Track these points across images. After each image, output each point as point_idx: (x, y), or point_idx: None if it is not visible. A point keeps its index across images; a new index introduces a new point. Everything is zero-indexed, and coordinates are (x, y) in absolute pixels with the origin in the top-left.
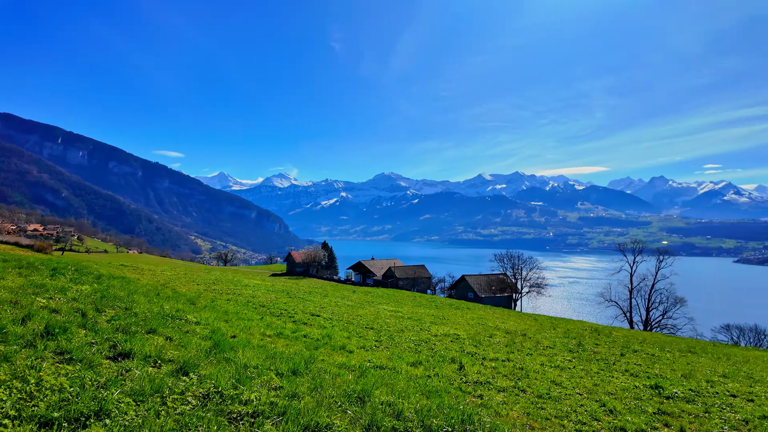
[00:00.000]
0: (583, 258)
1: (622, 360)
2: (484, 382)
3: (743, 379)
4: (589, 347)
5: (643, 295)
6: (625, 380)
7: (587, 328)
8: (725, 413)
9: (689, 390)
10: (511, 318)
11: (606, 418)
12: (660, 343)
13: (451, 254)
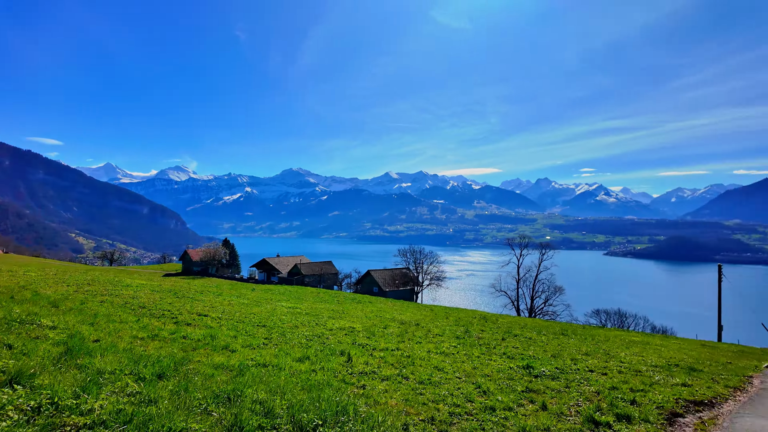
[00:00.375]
0: (479, 252)
1: (503, 344)
2: (369, 372)
3: (601, 356)
4: (475, 333)
5: (528, 285)
6: (502, 362)
7: (477, 317)
8: (582, 387)
9: (555, 368)
10: (409, 309)
11: (479, 399)
12: (539, 327)
13: (359, 250)
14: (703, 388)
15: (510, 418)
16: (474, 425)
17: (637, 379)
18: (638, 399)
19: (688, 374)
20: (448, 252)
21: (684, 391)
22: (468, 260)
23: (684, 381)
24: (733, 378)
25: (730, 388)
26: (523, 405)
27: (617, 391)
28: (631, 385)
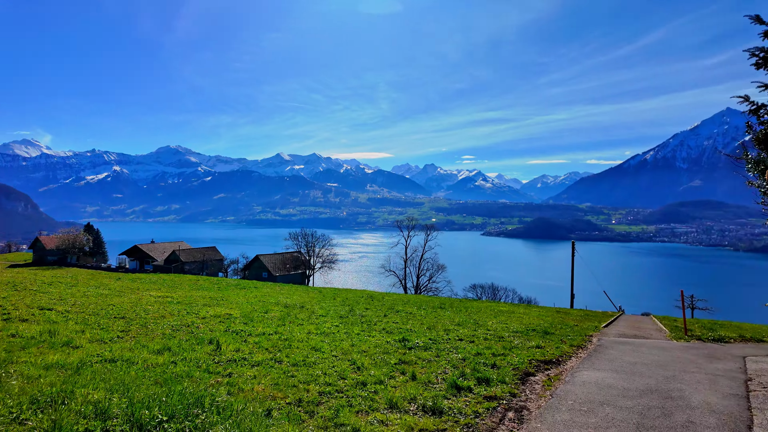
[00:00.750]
0: (371, 234)
1: (384, 320)
2: (239, 359)
3: (471, 325)
4: (359, 312)
5: (415, 264)
6: (380, 338)
7: (364, 296)
8: (451, 355)
9: (429, 339)
10: (297, 293)
11: (352, 375)
12: (420, 302)
13: (249, 235)
14: (553, 349)
15: (380, 391)
16: (342, 402)
17: (500, 344)
18: (498, 362)
19: (542, 337)
20: (342, 235)
21: (537, 353)
22: (361, 242)
23: (538, 344)
24: (578, 338)
25: (574, 347)
26: (394, 377)
27: (481, 356)
28: (494, 350)
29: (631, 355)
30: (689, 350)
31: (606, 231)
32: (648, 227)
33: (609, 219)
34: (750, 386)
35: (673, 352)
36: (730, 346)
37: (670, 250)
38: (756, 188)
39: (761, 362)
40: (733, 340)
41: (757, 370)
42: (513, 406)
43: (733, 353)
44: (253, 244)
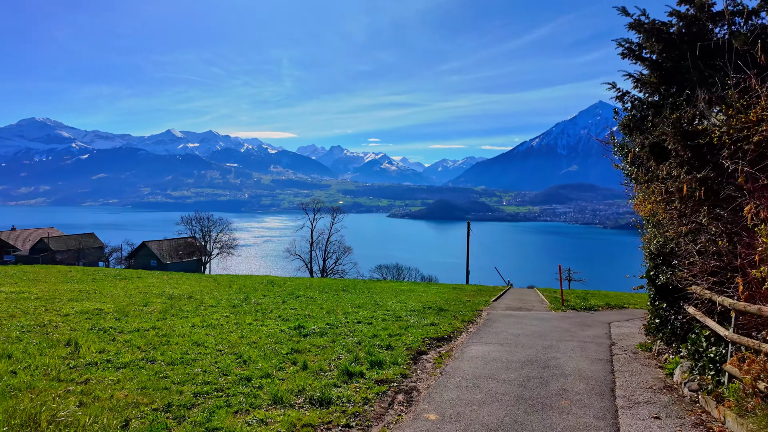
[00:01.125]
0: (276, 218)
1: (282, 306)
2: (102, 361)
3: (371, 307)
4: (255, 299)
5: (321, 248)
6: (274, 326)
7: (264, 282)
8: (347, 339)
9: (326, 324)
10: (188, 281)
11: (236, 371)
12: (324, 286)
13: (136, 219)
14: (446, 326)
15: (265, 385)
16: (220, 402)
17: (397, 324)
18: (393, 343)
19: (437, 314)
20: (244, 218)
21: (431, 330)
22: (265, 226)
23: (433, 321)
24: (469, 313)
25: (465, 322)
26: (284, 368)
27: (377, 338)
28: (390, 330)
29: (516, 327)
30: (565, 320)
31: (498, 212)
32: (533, 208)
33: (501, 201)
34: (613, 350)
35: (551, 322)
36: (598, 314)
37: (552, 228)
38: (621, 170)
39: (622, 327)
40: (601, 308)
41: (619, 334)
42: (403, 388)
43: (601, 320)
44: (141, 229)
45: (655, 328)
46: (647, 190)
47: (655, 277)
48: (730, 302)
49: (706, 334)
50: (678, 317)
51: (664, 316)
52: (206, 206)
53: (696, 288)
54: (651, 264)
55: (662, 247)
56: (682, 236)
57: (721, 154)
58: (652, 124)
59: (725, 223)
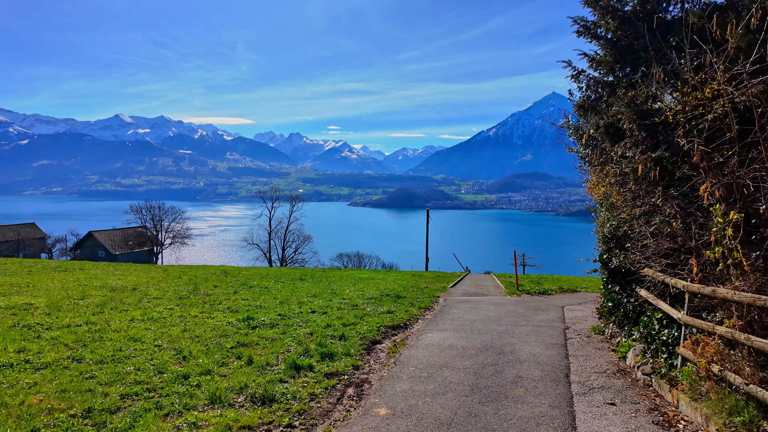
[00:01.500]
0: (233, 207)
1: (233, 297)
2: (19, 362)
3: (328, 295)
4: (204, 290)
5: (279, 236)
6: (222, 318)
7: (217, 272)
8: (298, 330)
9: (278, 315)
10: (136, 273)
11: (174, 368)
12: (280, 275)
13: (83, 208)
14: (402, 313)
15: (204, 383)
16: (149, 405)
17: (353, 313)
18: (347, 333)
19: (394, 302)
20: (200, 207)
21: (387, 318)
22: (222, 215)
23: (389, 309)
24: (426, 300)
25: (422, 309)
26: (227, 364)
27: (330, 328)
28: (345, 320)
29: (472, 313)
30: (520, 304)
31: (457, 200)
32: (490, 196)
33: (459, 189)
34: (567, 334)
35: (507, 306)
36: (552, 298)
37: (507, 215)
38: (575, 154)
39: (575, 310)
40: (554, 292)
41: (572, 317)
42: (354, 380)
43: (554, 304)
44: (89, 218)
45: (608, 312)
46: (601, 173)
47: (608, 260)
48: (684, 284)
49: (658, 317)
50: (631, 300)
51: (617, 299)
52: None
53: (649, 271)
54: (604, 248)
55: (615, 231)
56: (635, 218)
57: (675, 133)
58: (607, 104)
59: (680, 204)
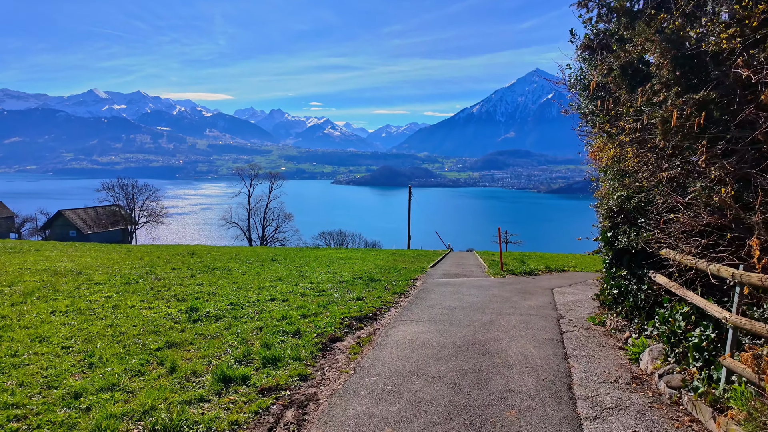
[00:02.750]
0: (214, 185)
1: (187, 282)
2: None
3: (295, 279)
4: (157, 275)
5: (259, 215)
6: (162, 309)
7: (184, 252)
8: (247, 324)
9: (228, 305)
10: (94, 254)
11: (70, 381)
12: (251, 256)
13: (59, 187)
14: (374, 300)
15: (97, 406)
16: None
17: (317, 300)
18: (303, 328)
19: (366, 286)
20: (180, 185)
21: (355, 307)
22: (202, 193)
23: (359, 295)
24: (402, 283)
25: (397, 294)
26: (143, 373)
27: (286, 321)
28: (306, 309)
29: (452, 299)
30: (505, 286)
31: (440, 177)
32: (473, 173)
33: (443, 167)
34: (562, 325)
35: (491, 290)
36: (539, 279)
37: (490, 193)
38: (575, 113)
39: (566, 293)
40: (541, 272)
41: (565, 303)
42: (297, 398)
43: (542, 286)
44: (65, 197)
45: (613, 300)
46: (611, 130)
47: (613, 239)
48: (735, 273)
49: (684, 311)
50: (642, 288)
51: (624, 285)
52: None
53: (671, 253)
54: (607, 224)
55: (625, 203)
56: (657, 186)
57: (728, 65)
58: (621, 39)
59: (737, 163)
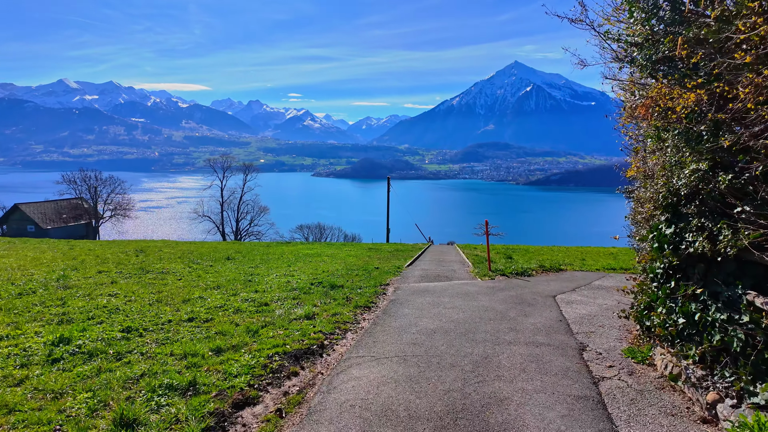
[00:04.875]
0: (191, 177)
1: (97, 292)
2: None
3: (240, 285)
4: (74, 280)
5: (233, 208)
6: (19, 341)
7: (131, 250)
8: (128, 368)
9: (122, 330)
10: (22, 252)
11: None
12: (207, 253)
13: (27, 180)
14: (326, 318)
15: None
16: None
17: (251, 320)
18: (204, 378)
19: (324, 295)
20: (155, 178)
21: (297, 333)
22: (179, 186)
23: (309, 311)
24: (369, 291)
25: (359, 308)
26: None
27: (186, 361)
28: (226, 338)
29: (430, 315)
30: (496, 294)
31: (421, 170)
32: (453, 166)
33: (423, 159)
34: (591, 366)
35: (479, 299)
36: (535, 281)
37: (470, 185)
38: (612, 53)
39: (573, 303)
40: (535, 272)
41: (577, 319)
42: None
43: (541, 292)
44: (34, 191)
45: (677, 334)
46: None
47: (677, 239)
48: None
49: None
50: (739, 320)
51: (697, 312)
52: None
53: None
54: (667, 215)
55: (705, 181)
56: None
57: None
58: None
59: None
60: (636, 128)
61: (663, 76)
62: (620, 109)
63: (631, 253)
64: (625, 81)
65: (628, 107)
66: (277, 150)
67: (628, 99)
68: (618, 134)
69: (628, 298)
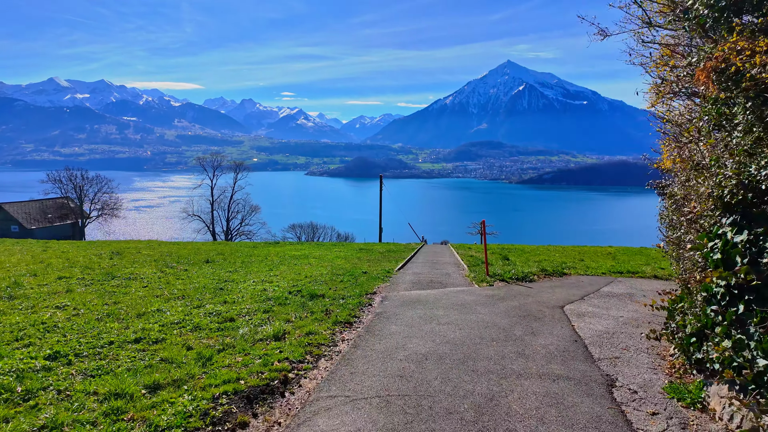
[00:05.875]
0: (184, 176)
1: (45, 303)
2: None
3: (209, 295)
4: (10, 293)
5: (224, 207)
6: None
7: (105, 252)
8: (24, 418)
9: (46, 357)
10: (8, 254)
11: None
12: (186, 256)
13: (18, 179)
14: (297, 341)
15: None
16: None
17: (209, 342)
18: None
19: (301, 307)
20: (148, 177)
21: (258, 361)
22: (171, 185)
23: (280, 329)
24: (353, 302)
25: (339, 324)
26: None
27: (108, 403)
28: (170, 369)
29: (421, 334)
30: (497, 304)
31: (414, 169)
32: (447, 165)
33: (417, 158)
34: (627, 413)
35: (478, 312)
36: (538, 288)
37: (463, 183)
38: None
39: (586, 317)
40: (537, 277)
41: (595, 339)
42: None
43: (547, 302)
44: (24, 190)
45: (753, 380)
46: None
47: (755, 250)
48: None
49: None
50: None
51: None
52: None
53: None
54: (733, 219)
55: None
56: None
57: None
58: None
59: None
60: (681, 106)
61: (730, 31)
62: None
63: (629, 253)
64: (671, 44)
65: (670, 80)
66: (271, 149)
67: (678, 65)
68: (614, 132)
69: (646, 308)
